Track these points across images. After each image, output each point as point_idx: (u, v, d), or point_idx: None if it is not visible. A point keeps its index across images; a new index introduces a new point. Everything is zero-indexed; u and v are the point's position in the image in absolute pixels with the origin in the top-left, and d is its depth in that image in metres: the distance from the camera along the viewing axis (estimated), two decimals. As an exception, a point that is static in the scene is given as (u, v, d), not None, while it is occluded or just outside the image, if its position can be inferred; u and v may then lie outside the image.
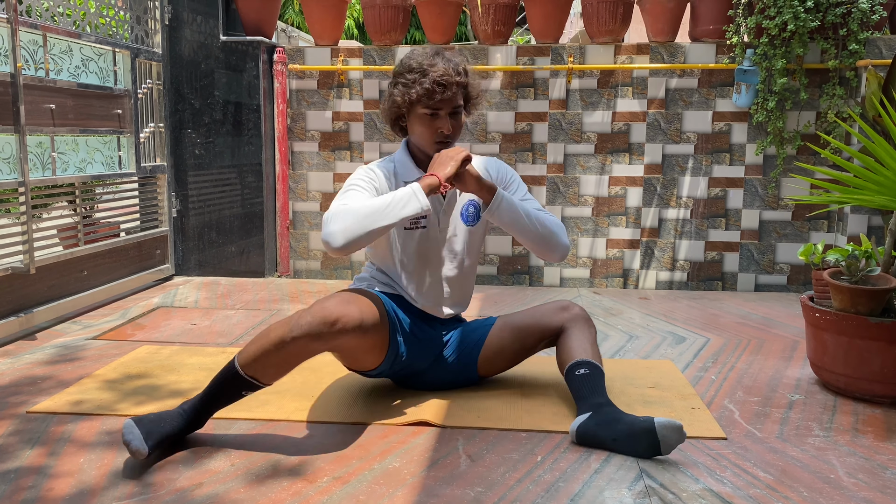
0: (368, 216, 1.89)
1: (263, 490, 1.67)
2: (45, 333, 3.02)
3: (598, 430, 1.88)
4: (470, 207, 2.20)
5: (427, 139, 2.07)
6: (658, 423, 1.80)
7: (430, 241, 2.18)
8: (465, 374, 2.29)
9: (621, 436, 1.85)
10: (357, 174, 2.11)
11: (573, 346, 2.10)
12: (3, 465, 1.79)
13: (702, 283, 4.06)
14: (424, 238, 2.17)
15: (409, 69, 2.05)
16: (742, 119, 3.94)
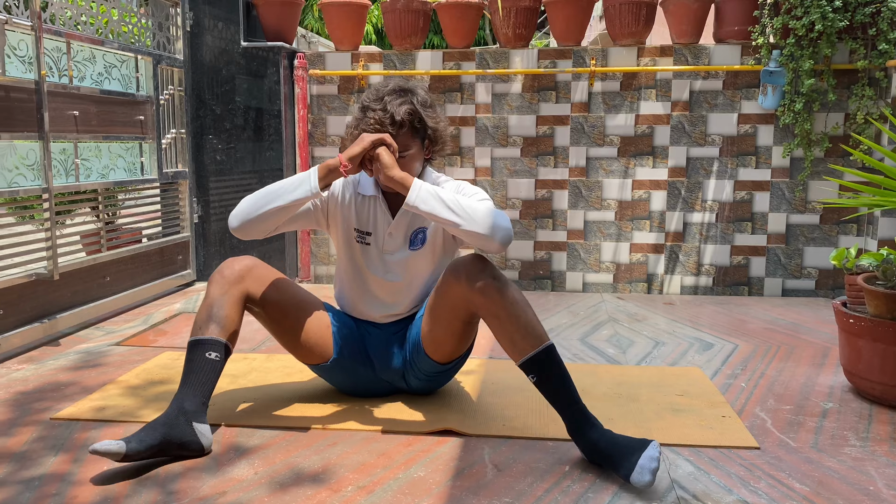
0: (263, 197, 1.97)
1: (287, 499, 1.65)
2: (68, 339, 3.02)
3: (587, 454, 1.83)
4: (419, 234, 2.15)
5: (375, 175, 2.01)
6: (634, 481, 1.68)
7: (369, 258, 2.15)
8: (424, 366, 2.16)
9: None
10: None
11: (500, 340, 1.90)
12: (28, 472, 1.79)
13: (728, 288, 4.00)
14: (368, 254, 2.15)
15: (363, 106, 2.05)
16: (768, 121, 3.87)
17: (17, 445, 1.94)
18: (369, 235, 2.15)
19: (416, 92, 2.07)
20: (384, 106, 2.01)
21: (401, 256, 2.14)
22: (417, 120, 2.04)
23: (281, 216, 1.99)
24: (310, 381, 2.46)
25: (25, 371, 2.60)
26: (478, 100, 4.06)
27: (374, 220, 2.14)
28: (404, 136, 2.03)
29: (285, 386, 2.41)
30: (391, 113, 2.00)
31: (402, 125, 2.01)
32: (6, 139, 2.74)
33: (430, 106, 2.09)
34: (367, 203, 2.15)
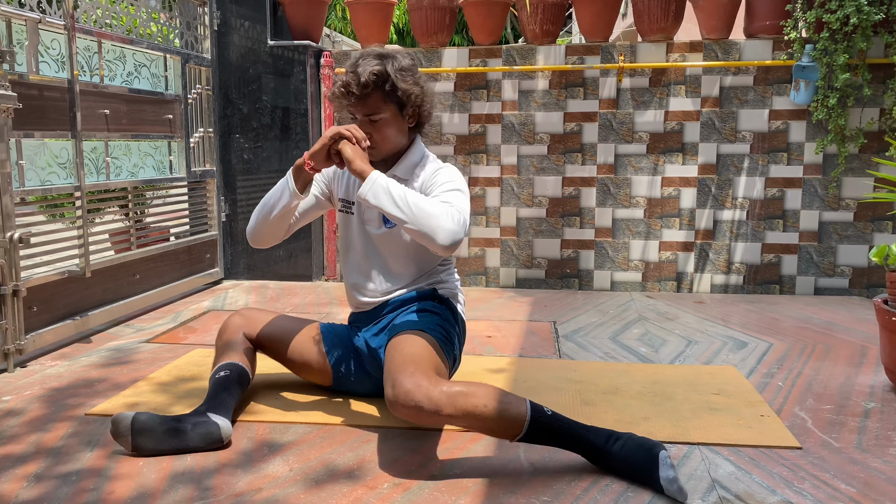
0: (260, 209, 2.08)
1: (323, 496, 1.64)
2: (99, 336, 3.04)
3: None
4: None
5: None
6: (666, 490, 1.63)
7: (353, 229, 2.17)
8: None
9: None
10: None
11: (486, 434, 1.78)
12: (65, 466, 1.79)
13: (758, 286, 3.93)
14: (349, 224, 2.18)
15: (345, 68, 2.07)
16: (800, 117, 3.81)
17: (53, 441, 1.95)
18: (352, 205, 2.16)
19: (394, 56, 2.02)
20: (355, 68, 1.97)
21: (377, 231, 2.12)
22: (388, 83, 1.97)
23: (283, 222, 2.07)
24: (340, 378, 2.45)
25: (59, 367, 2.61)
26: (504, 97, 4.03)
27: (355, 190, 2.14)
28: (373, 98, 1.97)
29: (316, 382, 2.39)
30: (358, 74, 1.95)
31: (366, 86, 1.95)
32: (39, 138, 2.76)
33: (408, 70, 2.02)
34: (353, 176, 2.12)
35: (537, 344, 2.91)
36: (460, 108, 4.07)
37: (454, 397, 1.68)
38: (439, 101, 4.07)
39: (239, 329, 2.17)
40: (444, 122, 4.09)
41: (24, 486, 1.69)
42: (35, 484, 1.70)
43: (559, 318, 3.36)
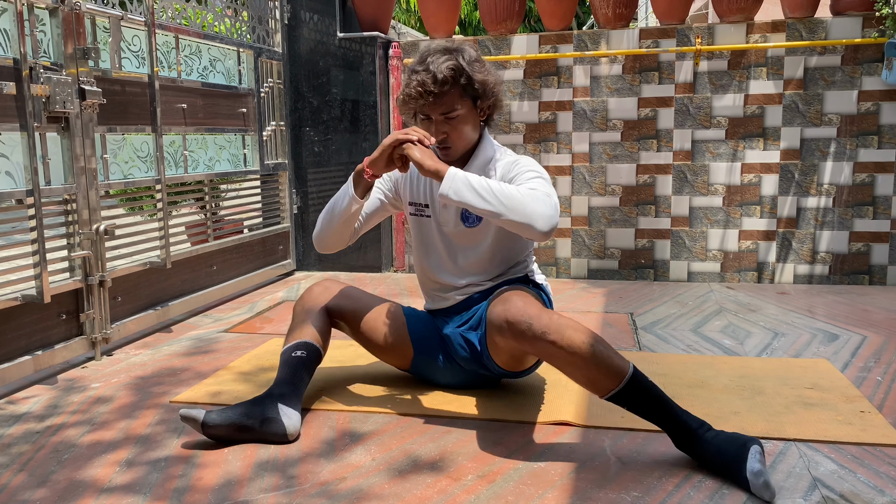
0: (325, 215, 2.04)
1: (408, 486, 1.62)
2: (179, 326, 3.11)
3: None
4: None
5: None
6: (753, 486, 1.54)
7: (430, 232, 2.11)
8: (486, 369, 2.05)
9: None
10: None
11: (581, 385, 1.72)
12: (154, 453, 1.83)
13: (845, 276, 3.75)
14: (428, 227, 2.11)
15: (407, 69, 1.98)
16: (893, 98, 3.60)
17: (141, 428, 1.99)
18: (427, 208, 2.09)
19: (462, 49, 1.95)
20: (426, 66, 1.91)
21: (457, 230, 2.06)
22: (464, 76, 1.91)
23: (347, 227, 2.01)
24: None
25: (143, 356, 2.68)
26: (575, 83, 3.94)
27: (429, 191, 2.08)
28: (450, 95, 1.91)
29: (393, 371, 2.39)
30: (433, 72, 1.89)
31: (444, 83, 1.89)
32: (122, 132, 2.83)
33: (478, 61, 1.96)
34: (427, 179, 2.07)
35: (615, 336, 2.83)
36: (530, 95, 4.00)
37: (564, 326, 1.67)
38: (508, 88, 4.01)
39: (321, 300, 2.13)
40: (513, 111, 4.03)
41: (116, 471, 1.73)
42: (126, 469, 1.74)
43: (636, 309, 3.27)
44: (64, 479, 1.70)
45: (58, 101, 2.41)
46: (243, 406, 1.89)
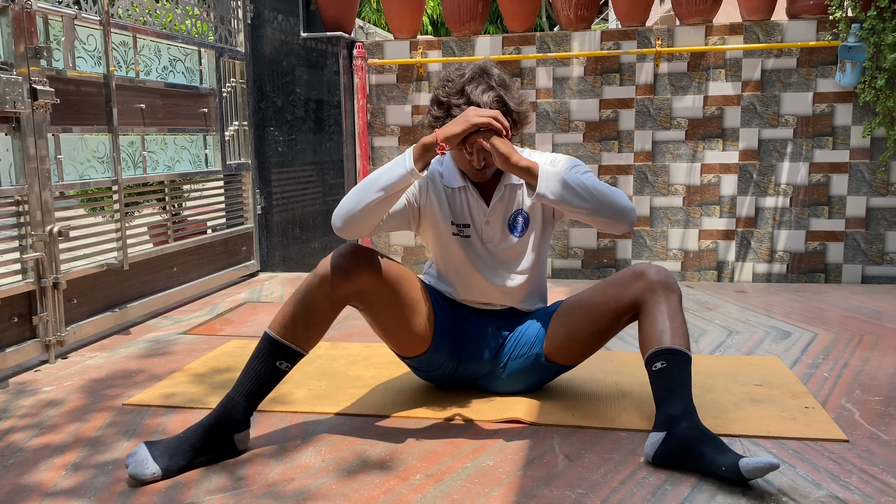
0: (362, 190, 1.80)
1: (355, 486, 1.63)
2: (138, 328, 3.08)
3: (675, 460, 1.66)
4: (518, 217, 2.02)
5: (462, 167, 1.94)
6: (745, 468, 1.53)
7: (475, 250, 2.02)
8: (533, 364, 2.05)
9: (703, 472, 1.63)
10: None
11: (649, 329, 1.81)
12: (102, 456, 1.81)
13: (803, 275, 3.82)
14: (471, 247, 2.02)
15: (438, 102, 1.89)
16: (846, 99, 3.68)
17: (91, 430, 1.98)
18: (467, 227, 2.01)
19: (491, 73, 1.89)
20: (467, 98, 1.84)
21: (506, 245, 2.02)
22: (504, 107, 1.86)
23: (383, 207, 1.81)
24: (374, 369, 2.44)
25: (98, 359, 2.65)
26: (538, 84, 3.97)
27: (468, 210, 2.00)
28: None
29: (350, 373, 2.40)
30: (477, 103, 1.83)
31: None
32: (77, 133, 2.80)
33: (509, 86, 1.91)
34: (457, 195, 2.00)
35: (573, 334, 2.86)
36: (494, 96, 4.02)
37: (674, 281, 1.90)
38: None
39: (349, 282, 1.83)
40: (477, 112, 4.05)
41: (62, 475, 1.72)
42: (73, 473, 1.73)
43: (596, 308, 3.30)
44: (7, 483, 1.68)
45: (8, 100, 2.37)
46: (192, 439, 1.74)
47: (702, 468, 1.63)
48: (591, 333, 1.98)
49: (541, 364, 2.06)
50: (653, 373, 1.78)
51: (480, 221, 2.00)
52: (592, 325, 1.96)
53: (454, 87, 1.87)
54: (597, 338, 2.00)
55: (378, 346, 2.72)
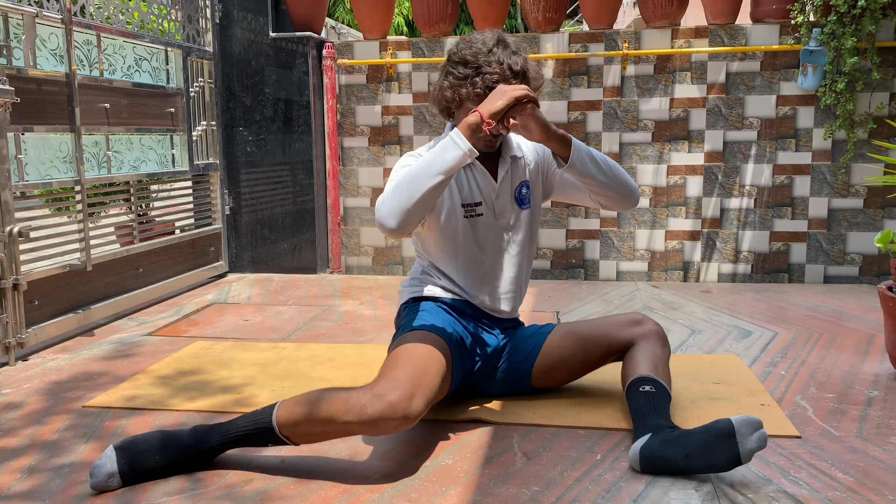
0: (412, 181, 1.73)
1: (314, 486, 1.63)
2: (102, 330, 3.05)
3: (665, 448, 1.64)
4: (523, 189, 2.04)
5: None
6: (736, 421, 1.56)
7: (487, 229, 2.01)
8: (518, 384, 2.10)
9: (695, 450, 1.60)
10: (402, 161, 1.96)
11: (640, 361, 1.90)
12: (59, 459, 1.80)
13: (767, 275, 3.89)
14: (482, 226, 2.00)
15: (464, 61, 1.86)
16: (808, 102, 3.75)
17: (48, 434, 1.96)
18: (479, 206, 1.99)
19: (508, 41, 1.90)
20: (498, 58, 1.83)
21: (514, 217, 2.03)
22: (529, 70, 1.88)
23: (438, 192, 1.75)
24: (338, 370, 2.44)
25: (60, 361, 2.63)
26: (508, 86, 3.99)
27: (477, 187, 1.98)
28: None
29: (314, 375, 2.40)
30: (509, 64, 1.82)
31: (517, 75, 1.84)
32: (39, 132, 2.77)
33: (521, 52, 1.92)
34: (461, 174, 1.98)
35: (538, 334, 2.88)
36: (463, 98, 4.03)
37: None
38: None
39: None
40: (447, 113, 4.06)
41: (16, 478, 1.70)
42: (28, 476, 1.71)
43: (563, 308, 3.33)
44: (-40, 487, 1.66)
45: (-35, 99, 2.34)
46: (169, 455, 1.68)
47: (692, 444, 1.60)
48: (580, 362, 2.06)
49: (524, 388, 2.12)
50: (640, 393, 1.81)
51: (491, 196, 2.01)
52: (583, 355, 2.05)
53: (483, 48, 1.85)
54: (584, 367, 2.08)
55: (343, 348, 2.72)
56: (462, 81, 1.86)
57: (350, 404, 1.61)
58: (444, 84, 1.92)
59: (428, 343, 1.81)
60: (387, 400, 1.60)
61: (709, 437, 1.59)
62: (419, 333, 1.86)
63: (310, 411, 1.64)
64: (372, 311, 3.32)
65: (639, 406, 1.79)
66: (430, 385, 1.71)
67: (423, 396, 1.66)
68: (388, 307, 3.39)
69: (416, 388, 1.65)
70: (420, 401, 1.65)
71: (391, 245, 4.22)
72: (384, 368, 1.74)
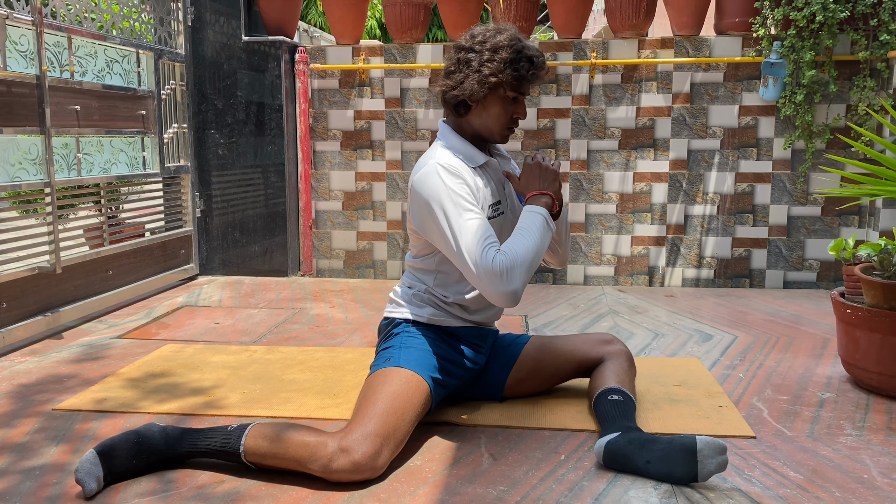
0: (534, 262, 1.82)
1: (284, 487, 1.66)
2: (71, 332, 3.04)
3: (630, 449, 1.70)
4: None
5: (501, 123, 1.93)
6: (700, 441, 1.63)
7: (505, 227, 2.03)
8: (491, 393, 2.15)
9: (656, 457, 1.67)
10: (451, 188, 1.85)
11: (609, 375, 1.99)
12: (28, 462, 1.81)
13: (729, 280, 3.99)
14: (502, 227, 2.02)
15: (499, 47, 1.86)
16: (769, 113, 3.86)
17: (18, 436, 1.96)
18: (500, 203, 2.01)
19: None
20: (525, 46, 1.89)
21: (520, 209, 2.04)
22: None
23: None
24: (309, 372, 2.47)
25: (28, 363, 2.62)
26: (478, 93, 4.05)
27: (496, 184, 2.02)
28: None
29: (285, 377, 2.42)
30: (538, 52, 1.91)
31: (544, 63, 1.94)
32: (8, 134, 2.76)
33: None
34: (481, 174, 1.97)
35: (507, 338, 2.94)
36: (435, 103, 4.09)
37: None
38: (414, 97, 4.09)
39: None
40: (418, 118, 4.11)
41: (-13, 480, 1.71)
42: (-2, 478, 1.72)
43: (531, 311, 3.40)
44: (-70, 490, 1.66)
45: (-66, 101, 2.33)
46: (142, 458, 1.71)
47: (656, 451, 1.67)
48: (550, 375, 2.16)
49: (496, 397, 2.18)
50: (609, 401, 1.89)
51: (508, 190, 2.08)
52: (554, 368, 2.14)
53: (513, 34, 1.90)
54: (554, 380, 2.18)
55: (313, 351, 2.75)
56: (509, 64, 1.85)
57: (317, 454, 1.64)
58: (485, 71, 1.86)
59: (411, 390, 1.81)
60: (352, 458, 1.63)
61: (672, 450, 1.66)
62: (405, 376, 1.83)
63: (277, 450, 1.67)
64: (343, 315, 3.35)
65: (606, 411, 1.87)
66: (401, 437, 1.74)
67: (389, 451, 1.70)
68: (360, 310, 3.42)
69: (385, 444, 1.68)
70: (386, 456, 1.69)
71: (363, 248, 4.25)
72: (359, 408, 1.75)
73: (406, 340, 1.96)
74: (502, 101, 1.91)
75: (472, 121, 1.96)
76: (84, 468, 1.64)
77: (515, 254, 1.78)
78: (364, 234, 4.25)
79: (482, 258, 1.77)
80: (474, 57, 1.88)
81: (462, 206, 1.83)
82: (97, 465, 1.65)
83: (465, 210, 1.83)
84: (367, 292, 3.83)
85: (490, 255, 1.77)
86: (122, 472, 1.69)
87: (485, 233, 1.81)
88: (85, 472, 1.63)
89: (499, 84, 1.88)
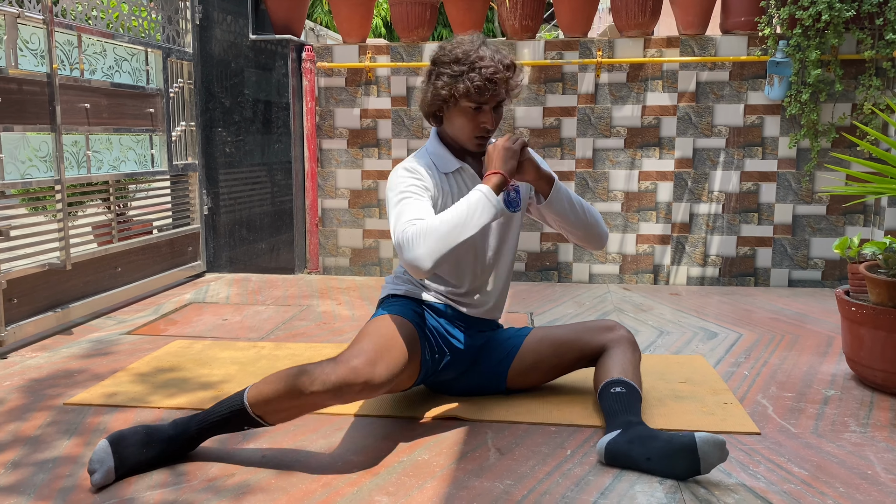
0: (450, 233, 1.79)
1: (294, 481, 1.69)
2: (80, 328, 3.07)
3: (631, 448, 1.73)
4: (512, 192, 2.07)
5: (467, 133, 1.96)
6: (700, 439, 1.65)
7: (483, 236, 2.07)
8: (494, 385, 2.18)
9: (656, 454, 1.69)
10: (402, 179, 1.94)
11: (612, 366, 1.99)
12: (42, 454, 1.83)
13: (734, 278, 4.01)
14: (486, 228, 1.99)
15: (456, 60, 1.92)
16: (775, 112, 3.87)
17: (31, 430, 1.99)
18: None
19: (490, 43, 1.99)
20: (489, 54, 1.91)
21: (508, 219, 2.09)
22: (514, 67, 1.98)
23: (468, 244, 1.86)
24: (317, 368, 2.49)
25: (39, 359, 2.65)
26: (484, 92, 4.07)
27: (467, 189, 2.00)
28: (506, 83, 1.94)
29: (293, 373, 2.44)
30: (500, 60, 1.91)
31: (512, 68, 1.94)
32: (19, 131, 2.79)
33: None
34: (455, 179, 2.02)
35: (512, 335, 2.96)
36: (441, 102, 4.10)
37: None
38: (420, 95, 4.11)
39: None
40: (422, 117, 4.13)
41: (1, 472, 1.73)
42: (12, 471, 1.74)
43: (536, 309, 3.42)
44: (-55, 482, 1.69)
45: (-53, 99, 2.36)
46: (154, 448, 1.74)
47: (656, 449, 1.70)
48: (553, 366, 2.16)
49: (499, 389, 2.20)
50: (611, 394, 1.90)
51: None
52: (557, 358, 2.15)
53: (472, 46, 1.94)
54: (557, 370, 2.18)
55: (321, 347, 2.77)
56: (458, 78, 1.91)
57: (315, 375, 1.71)
58: (438, 84, 1.95)
59: (395, 324, 1.91)
60: (350, 365, 1.71)
61: (672, 449, 1.69)
62: (387, 317, 1.95)
63: (278, 387, 1.72)
64: (350, 312, 3.37)
65: (610, 405, 1.88)
66: (395, 358, 1.80)
67: (386, 366, 1.75)
68: (366, 307, 3.45)
69: (380, 357, 1.76)
70: (383, 369, 1.74)
71: (369, 246, 4.28)
72: (350, 344, 1.84)
73: (388, 307, 2.04)
74: (463, 112, 1.94)
75: (447, 130, 2.03)
76: (97, 457, 1.67)
77: (426, 224, 1.80)
78: (370, 231, 4.27)
79: (399, 233, 1.82)
80: (433, 70, 1.99)
81: (405, 193, 1.90)
82: (109, 454, 1.68)
83: (406, 197, 1.90)
84: (373, 290, 3.86)
85: (403, 228, 1.82)
86: (134, 463, 1.71)
87: (415, 213, 1.84)
88: (98, 460, 1.66)
89: (451, 97, 1.93)
